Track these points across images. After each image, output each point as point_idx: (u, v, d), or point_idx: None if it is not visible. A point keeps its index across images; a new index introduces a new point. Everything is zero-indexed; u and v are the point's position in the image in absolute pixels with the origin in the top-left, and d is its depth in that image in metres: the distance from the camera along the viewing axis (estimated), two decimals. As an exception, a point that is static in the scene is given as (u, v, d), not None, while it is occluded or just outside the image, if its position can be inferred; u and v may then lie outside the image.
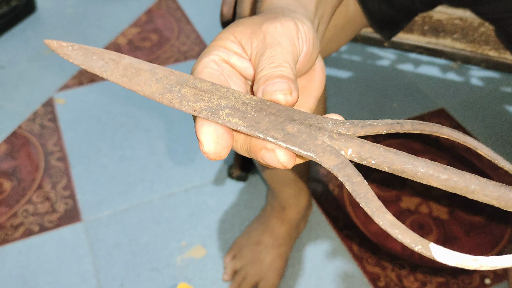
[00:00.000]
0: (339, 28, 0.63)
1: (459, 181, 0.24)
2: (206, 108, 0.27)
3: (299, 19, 0.30)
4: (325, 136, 0.26)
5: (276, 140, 0.26)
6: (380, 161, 0.25)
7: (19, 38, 1.39)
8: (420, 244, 0.23)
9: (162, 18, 1.47)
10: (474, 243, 0.90)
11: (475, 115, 1.15)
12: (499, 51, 0.71)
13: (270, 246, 0.85)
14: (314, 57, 0.32)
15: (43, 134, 1.12)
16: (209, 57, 0.30)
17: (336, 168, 0.25)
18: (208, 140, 0.26)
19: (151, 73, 0.28)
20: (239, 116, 0.26)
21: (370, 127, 0.26)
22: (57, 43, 0.29)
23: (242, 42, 0.30)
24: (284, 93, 0.27)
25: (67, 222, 0.94)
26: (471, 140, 0.27)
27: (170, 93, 0.27)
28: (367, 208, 0.24)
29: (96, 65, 0.28)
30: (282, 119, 0.26)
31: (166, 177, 1.02)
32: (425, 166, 0.25)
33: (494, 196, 0.24)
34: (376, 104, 1.18)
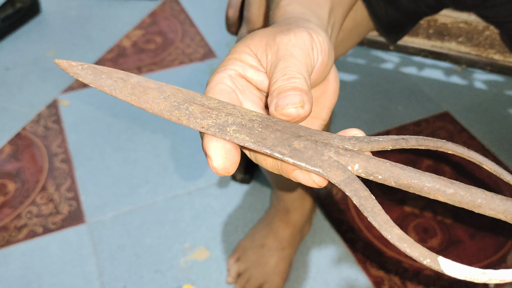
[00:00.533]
0: (346, 32, 0.63)
1: (466, 195, 0.25)
2: (214, 125, 0.27)
3: (313, 30, 0.30)
4: (331, 152, 0.26)
5: (283, 156, 0.26)
6: (386, 176, 0.25)
7: (24, 40, 1.40)
8: (429, 258, 0.23)
9: (166, 20, 1.47)
10: (479, 247, 0.90)
11: (480, 118, 1.15)
12: (504, 54, 0.71)
13: (274, 248, 0.85)
14: (329, 67, 0.32)
15: (47, 136, 1.12)
16: (225, 72, 0.30)
17: (343, 183, 0.25)
18: (217, 156, 0.26)
19: (158, 91, 0.29)
20: (246, 132, 0.27)
21: (376, 143, 0.27)
22: (67, 63, 0.29)
23: (257, 54, 0.30)
24: (296, 106, 0.27)
25: (71, 224, 0.94)
26: (476, 155, 0.27)
27: (178, 111, 0.28)
28: (375, 222, 0.24)
29: (105, 84, 0.29)
30: (287, 135, 0.27)
31: (170, 179, 1.02)
32: (431, 181, 0.25)
33: (500, 210, 0.24)
34: (380, 107, 1.18)
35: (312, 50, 0.29)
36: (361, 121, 1.14)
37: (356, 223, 0.94)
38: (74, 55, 1.35)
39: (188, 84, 1.25)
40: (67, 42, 1.39)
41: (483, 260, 0.88)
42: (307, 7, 0.35)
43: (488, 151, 1.06)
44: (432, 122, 1.13)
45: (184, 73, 1.28)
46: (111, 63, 1.31)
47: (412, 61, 1.30)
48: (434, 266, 0.23)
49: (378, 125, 1.13)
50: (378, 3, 0.65)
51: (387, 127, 1.12)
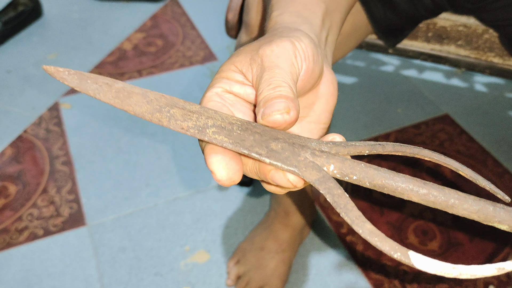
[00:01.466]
0: (345, 35, 0.64)
1: (439, 196, 0.25)
2: (194, 127, 0.28)
3: (296, 37, 0.31)
4: (307, 153, 0.27)
5: (260, 156, 0.27)
6: (361, 177, 0.26)
7: (26, 43, 1.40)
8: (399, 252, 0.23)
9: (167, 23, 1.48)
10: (478, 250, 0.90)
11: (479, 121, 1.15)
12: (503, 58, 0.72)
13: (274, 251, 0.85)
14: (317, 73, 0.32)
15: (48, 138, 1.12)
16: (212, 90, 0.31)
17: (318, 182, 0.26)
18: (218, 168, 0.27)
19: (142, 96, 0.29)
20: (225, 134, 0.27)
21: (352, 147, 0.27)
22: (54, 69, 0.30)
23: (243, 70, 0.31)
24: (281, 112, 0.27)
25: (72, 226, 0.95)
26: (452, 161, 0.28)
27: (160, 113, 0.29)
28: (347, 218, 0.25)
29: (90, 88, 0.29)
30: (266, 137, 0.27)
31: (171, 182, 1.02)
32: (405, 181, 0.25)
33: (473, 210, 0.25)
34: (380, 109, 1.18)
35: (295, 58, 0.30)
36: (360, 124, 1.14)
37: (356, 225, 0.94)
38: (75, 58, 1.36)
39: (188, 87, 1.25)
40: (68, 45, 1.40)
41: (483, 263, 0.88)
42: (299, 16, 0.36)
43: (488, 153, 1.07)
44: (431, 125, 1.14)
45: (185, 76, 1.29)
46: (112, 66, 1.32)
47: (412, 64, 1.30)
48: (405, 260, 0.23)
49: (377, 127, 1.13)
50: (376, 7, 0.65)
51: (387, 130, 1.12)
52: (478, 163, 1.05)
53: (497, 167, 1.04)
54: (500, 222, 0.25)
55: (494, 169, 1.04)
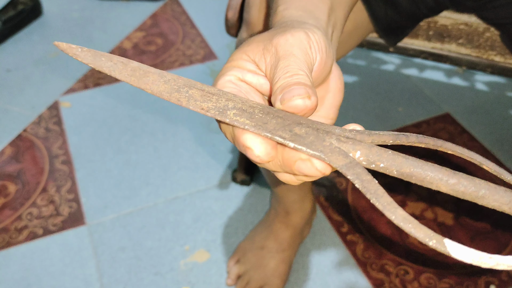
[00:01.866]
0: (346, 34, 0.63)
1: (469, 186, 0.24)
2: (214, 108, 0.27)
3: (309, 29, 0.30)
4: (332, 139, 0.26)
5: (284, 140, 0.26)
6: (388, 165, 0.25)
7: (26, 42, 1.40)
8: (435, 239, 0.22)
9: (167, 22, 1.48)
10: (479, 249, 0.89)
11: (481, 120, 1.14)
12: (505, 56, 0.71)
13: (274, 250, 0.85)
14: (329, 66, 0.31)
15: (48, 138, 1.12)
16: (225, 78, 0.30)
17: (345, 167, 0.25)
18: (256, 143, 0.26)
19: (159, 75, 0.29)
20: (246, 116, 0.27)
21: (377, 136, 0.27)
22: (67, 45, 0.30)
23: (255, 59, 0.30)
24: (302, 97, 0.26)
25: (71, 226, 0.94)
26: (476, 155, 0.27)
27: (178, 93, 0.28)
28: (378, 204, 0.24)
29: (104, 65, 0.29)
30: (289, 122, 0.27)
31: (171, 181, 1.02)
32: (434, 170, 0.24)
33: (505, 201, 0.24)
34: (381, 108, 1.17)
35: (310, 48, 0.29)
36: (361, 123, 1.13)
37: (356, 224, 0.93)
38: (75, 57, 1.35)
39: (189, 85, 1.25)
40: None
41: (484, 262, 0.87)
42: (305, 10, 0.35)
43: (489, 152, 1.06)
44: (432, 124, 1.13)
45: (185, 75, 1.28)
46: (112, 65, 1.32)
47: (413, 63, 1.30)
48: (440, 248, 0.22)
49: (378, 126, 1.13)
50: (378, 5, 0.65)
51: (387, 129, 1.12)
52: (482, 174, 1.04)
53: (499, 167, 1.03)
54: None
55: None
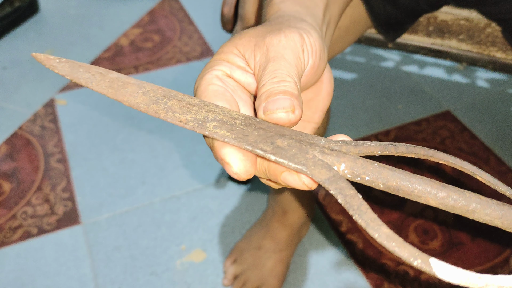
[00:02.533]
0: (343, 30, 0.62)
1: (459, 199, 0.23)
2: (193, 120, 0.26)
3: (305, 30, 0.29)
4: (316, 151, 0.25)
5: (265, 153, 0.25)
6: (374, 177, 0.24)
7: (22, 39, 1.39)
8: (420, 259, 0.21)
9: (164, 18, 1.46)
10: (480, 249, 0.88)
11: (482, 117, 1.13)
12: (506, 52, 0.70)
13: (271, 250, 0.83)
14: (321, 70, 0.30)
15: (43, 135, 1.11)
16: (212, 72, 0.29)
17: (328, 181, 0.24)
18: (235, 160, 0.25)
19: (138, 86, 0.28)
20: (226, 128, 0.26)
21: (364, 147, 0.26)
22: (45, 56, 0.29)
23: (245, 55, 0.29)
24: (286, 111, 0.25)
25: (66, 225, 0.93)
26: (469, 165, 0.26)
27: (156, 105, 0.27)
28: (361, 220, 0.22)
29: (81, 76, 0.28)
30: (271, 133, 0.26)
31: (167, 180, 1.01)
32: (422, 183, 0.23)
33: (496, 216, 0.23)
34: (380, 106, 1.16)
35: (302, 52, 0.28)
36: (360, 121, 1.12)
37: (355, 224, 0.92)
38: (71, 54, 1.34)
39: (184, 83, 1.23)
40: (64, 41, 1.38)
41: (485, 263, 0.86)
42: (302, 5, 0.34)
43: (491, 150, 1.05)
44: (433, 121, 1.12)
45: (182, 72, 1.27)
46: (108, 62, 1.30)
47: (413, 59, 1.28)
48: (426, 268, 0.21)
49: (377, 124, 1.11)
50: (376, 0, 0.63)
51: (387, 127, 1.11)
52: (480, 161, 1.03)
53: (500, 165, 1.02)
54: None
55: (497, 167, 1.02)
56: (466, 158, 1.03)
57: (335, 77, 1.24)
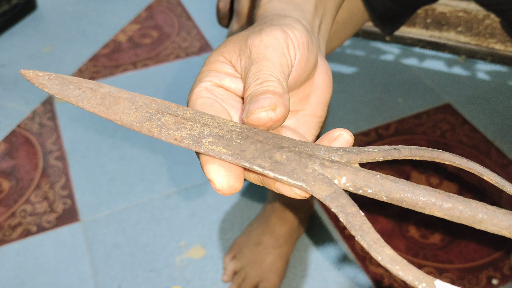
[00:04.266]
0: (341, 23, 0.61)
1: (465, 210, 0.22)
2: (188, 137, 0.25)
3: (288, 25, 0.28)
4: (316, 164, 0.24)
5: (263, 170, 0.24)
6: (377, 190, 0.24)
7: (20, 37, 1.38)
8: (425, 282, 0.21)
9: (162, 14, 1.45)
10: (481, 243, 0.87)
11: (482, 110, 1.12)
12: (506, 44, 0.69)
13: (271, 246, 0.83)
14: (312, 62, 0.30)
15: (42, 133, 1.10)
16: (201, 85, 0.28)
17: (329, 198, 0.23)
18: (217, 176, 0.24)
19: (130, 101, 0.27)
20: (223, 144, 0.25)
21: (366, 154, 0.25)
22: (33, 73, 0.28)
23: (232, 61, 0.29)
24: (266, 110, 0.25)
25: (65, 222, 0.93)
26: (475, 165, 0.25)
27: (150, 122, 0.26)
28: (363, 242, 0.22)
29: (72, 94, 0.27)
30: (269, 146, 0.25)
31: (166, 177, 1.00)
32: (426, 195, 0.23)
33: (505, 226, 0.22)
34: (380, 99, 1.15)
35: (287, 48, 0.28)
36: (360, 114, 1.11)
37: (355, 219, 0.91)
38: (69, 51, 1.33)
39: (184, 79, 1.23)
40: (62, 38, 1.38)
41: (486, 256, 0.86)
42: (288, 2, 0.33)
43: (492, 143, 1.04)
44: (433, 115, 1.11)
45: (181, 68, 1.26)
46: (106, 59, 1.30)
47: (413, 52, 1.27)
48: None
49: (377, 118, 1.11)
50: (373, -7, 0.62)
51: (387, 120, 1.10)
52: (481, 154, 1.02)
53: (501, 158, 1.01)
54: None
55: (498, 160, 1.01)
56: (467, 151, 1.03)
57: (335, 71, 1.23)
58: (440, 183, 0.97)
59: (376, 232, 0.22)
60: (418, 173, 0.98)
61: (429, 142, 1.05)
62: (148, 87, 1.21)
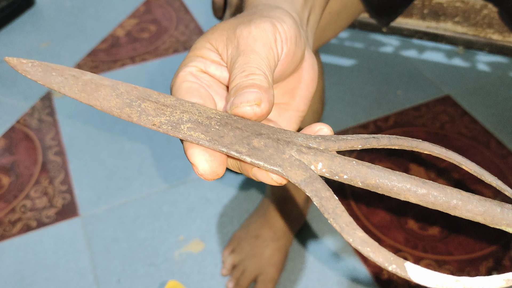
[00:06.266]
0: (334, 14, 0.61)
1: (439, 196, 0.23)
2: (167, 122, 0.25)
3: (278, 18, 0.28)
4: (293, 150, 0.24)
5: (241, 155, 0.24)
6: (352, 176, 0.24)
7: (18, 33, 1.38)
8: (395, 263, 0.21)
9: (160, 8, 1.45)
10: (481, 234, 0.87)
11: (483, 101, 1.11)
12: (503, 34, 0.68)
13: (269, 239, 0.83)
14: (299, 56, 0.30)
15: (41, 129, 1.11)
16: (186, 69, 0.28)
17: (304, 183, 0.24)
18: (200, 161, 0.25)
19: (112, 88, 0.27)
20: (201, 130, 0.25)
21: (344, 142, 0.25)
22: (17, 60, 0.28)
23: (218, 49, 0.29)
24: (251, 105, 0.25)
25: (65, 217, 0.93)
26: (454, 155, 0.25)
27: (130, 108, 0.26)
28: (336, 225, 0.22)
29: (54, 81, 0.27)
30: (248, 133, 0.25)
31: (164, 171, 1.00)
32: (401, 180, 0.23)
33: (478, 212, 0.22)
34: (379, 92, 1.15)
35: (275, 41, 0.28)
36: (359, 107, 1.11)
37: (354, 211, 0.91)
38: (67, 46, 1.33)
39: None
40: (61, 34, 1.37)
41: (485, 248, 0.85)
42: None
43: (491, 134, 1.03)
44: (432, 107, 1.10)
45: (179, 62, 1.26)
46: (105, 54, 1.29)
47: (412, 44, 1.26)
48: (401, 272, 0.21)
49: (376, 110, 1.10)
50: (368, -17, 0.62)
51: (386, 113, 1.09)
52: (480, 145, 1.02)
53: (501, 149, 1.01)
54: (508, 225, 0.22)
55: (497, 151, 1.01)
56: (466, 142, 1.02)
57: (333, 63, 1.22)
58: (438, 176, 0.96)
59: (349, 215, 0.23)
60: (417, 165, 0.98)
61: (428, 134, 1.04)
62: (146, 81, 1.21)
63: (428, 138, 1.03)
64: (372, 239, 0.22)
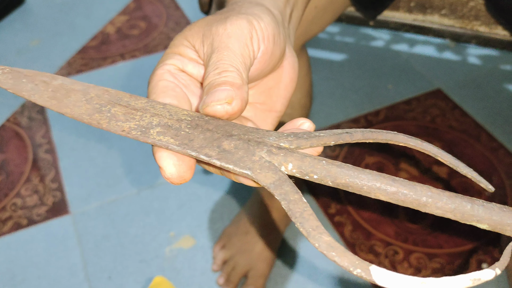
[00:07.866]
0: (320, 9, 0.60)
1: (409, 194, 0.23)
2: (136, 128, 0.25)
3: (255, 15, 0.28)
4: (263, 151, 0.24)
5: (210, 158, 0.24)
6: (323, 175, 0.24)
7: (8, 31, 1.37)
8: (359, 268, 0.21)
9: (150, 4, 1.44)
10: (470, 227, 0.87)
11: (473, 95, 1.11)
12: (490, 26, 0.68)
13: (260, 235, 0.83)
14: (277, 55, 0.29)
15: (31, 127, 1.10)
16: (163, 68, 0.28)
17: (273, 186, 0.23)
18: (168, 164, 0.24)
19: (82, 93, 0.27)
20: (171, 134, 0.25)
21: (316, 139, 0.25)
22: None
23: (195, 46, 0.28)
24: (221, 103, 0.25)
25: (55, 215, 0.93)
26: (430, 147, 0.25)
27: (99, 114, 0.26)
28: (302, 229, 0.22)
29: (24, 89, 0.27)
30: (218, 135, 0.25)
31: (154, 168, 1.00)
32: (371, 179, 0.23)
33: (449, 209, 0.22)
34: (370, 86, 1.15)
35: (251, 39, 0.27)
36: (349, 101, 1.11)
37: (344, 205, 0.91)
38: (58, 44, 1.32)
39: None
40: (51, 31, 1.37)
41: (475, 240, 0.86)
42: None
43: (482, 127, 1.04)
44: (423, 100, 1.10)
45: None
46: (95, 51, 1.29)
47: (403, 38, 1.26)
48: (366, 276, 0.21)
49: (367, 105, 1.10)
50: (353, -24, 0.62)
51: (376, 107, 1.09)
52: (471, 138, 1.02)
53: (492, 141, 1.01)
54: (478, 221, 0.22)
55: (488, 143, 1.01)
56: (457, 135, 1.02)
57: (324, 57, 1.22)
58: (429, 169, 0.97)
59: (316, 219, 0.22)
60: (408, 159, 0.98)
61: (419, 127, 1.04)
62: (136, 78, 1.20)
63: (419, 131, 1.03)
64: (338, 243, 0.22)
